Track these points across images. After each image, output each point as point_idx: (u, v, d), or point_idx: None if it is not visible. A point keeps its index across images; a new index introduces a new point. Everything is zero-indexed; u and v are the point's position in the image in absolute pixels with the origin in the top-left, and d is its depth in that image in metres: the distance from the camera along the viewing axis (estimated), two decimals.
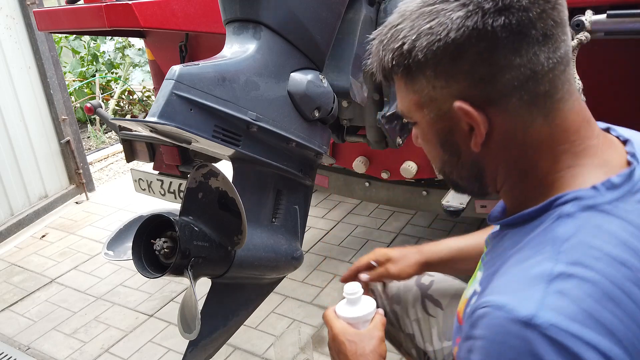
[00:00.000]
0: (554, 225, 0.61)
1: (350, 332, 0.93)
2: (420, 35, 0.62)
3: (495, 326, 0.57)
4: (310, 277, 2.53)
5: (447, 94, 0.65)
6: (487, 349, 0.58)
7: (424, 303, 1.19)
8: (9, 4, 3.19)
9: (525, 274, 0.59)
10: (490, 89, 0.63)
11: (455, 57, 0.62)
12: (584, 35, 1.12)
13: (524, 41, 0.60)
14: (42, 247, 3.10)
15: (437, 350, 1.15)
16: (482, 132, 0.64)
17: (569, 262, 0.56)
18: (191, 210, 1.07)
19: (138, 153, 2.33)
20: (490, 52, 0.61)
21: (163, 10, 1.66)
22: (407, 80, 0.68)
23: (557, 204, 0.63)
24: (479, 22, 0.59)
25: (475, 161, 0.70)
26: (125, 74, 5.71)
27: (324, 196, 3.37)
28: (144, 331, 2.26)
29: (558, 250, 0.58)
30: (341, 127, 1.67)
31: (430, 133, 0.71)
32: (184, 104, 1.02)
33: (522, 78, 0.62)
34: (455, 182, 0.77)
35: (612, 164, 0.66)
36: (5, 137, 3.17)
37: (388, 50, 0.66)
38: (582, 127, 0.66)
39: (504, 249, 0.69)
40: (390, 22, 0.67)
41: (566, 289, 0.55)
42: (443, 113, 0.66)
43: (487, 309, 0.58)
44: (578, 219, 0.60)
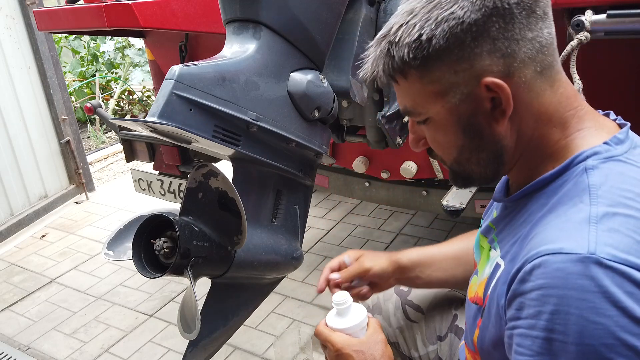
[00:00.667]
0: (583, 177, 0.66)
1: (353, 343, 0.90)
2: (440, 22, 0.65)
3: (555, 270, 0.58)
4: (310, 277, 2.53)
5: (470, 75, 0.68)
6: (547, 295, 0.59)
7: (404, 310, 1.19)
8: (9, 4, 3.18)
9: (570, 222, 0.62)
10: (509, 63, 0.67)
11: (478, 37, 0.66)
12: (584, 35, 1.12)
13: (533, 16, 0.67)
14: (42, 247, 3.10)
15: (423, 355, 1.15)
16: (510, 102, 0.68)
17: (609, 204, 0.61)
18: (191, 210, 1.07)
19: (138, 153, 2.33)
20: (508, 28, 0.66)
21: (163, 10, 1.66)
22: (424, 72, 0.69)
23: (577, 161, 0.68)
24: (497, 1, 0.65)
25: (497, 140, 0.72)
26: (125, 74, 5.71)
27: (324, 196, 3.37)
28: (144, 331, 2.26)
29: (596, 195, 0.63)
30: (341, 127, 1.67)
31: (451, 121, 0.72)
32: (184, 104, 1.02)
33: (534, 50, 0.68)
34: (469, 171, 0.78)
35: (608, 125, 0.73)
36: (5, 137, 3.17)
37: (402, 45, 0.68)
38: (576, 95, 0.73)
39: (527, 215, 0.72)
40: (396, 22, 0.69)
41: (614, 226, 0.59)
42: (466, 96, 0.69)
43: (541, 258, 0.60)
44: (603, 169, 0.66)
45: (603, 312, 0.56)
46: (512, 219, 0.77)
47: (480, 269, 0.85)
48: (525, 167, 0.75)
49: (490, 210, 0.93)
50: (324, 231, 2.96)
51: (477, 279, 0.85)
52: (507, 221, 0.79)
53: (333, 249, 2.75)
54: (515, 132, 0.72)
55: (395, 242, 2.77)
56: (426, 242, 2.76)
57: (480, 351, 0.80)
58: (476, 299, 0.83)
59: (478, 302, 0.82)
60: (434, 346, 1.14)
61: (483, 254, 0.87)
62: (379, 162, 1.98)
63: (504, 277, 0.69)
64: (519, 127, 0.71)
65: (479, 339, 0.80)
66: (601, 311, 0.56)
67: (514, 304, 0.63)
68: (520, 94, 0.69)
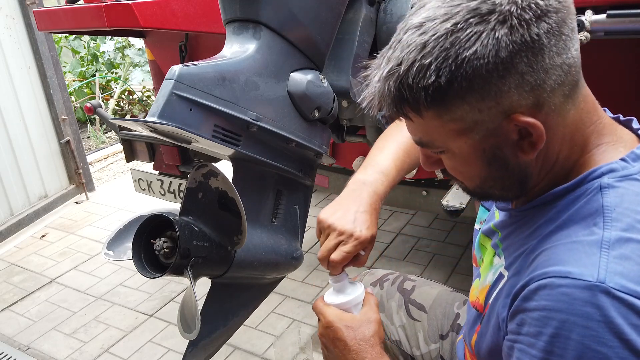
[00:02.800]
0: (597, 196, 0.63)
1: (345, 317, 0.88)
2: (462, 63, 0.58)
3: (561, 294, 0.57)
4: (310, 277, 2.53)
5: (496, 112, 0.62)
6: (549, 317, 0.58)
7: (407, 308, 1.19)
8: (9, 4, 3.18)
9: (581, 244, 0.60)
10: (539, 94, 0.61)
11: (504, 75, 0.59)
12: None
13: (562, 40, 0.61)
14: (42, 247, 3.10)
15: (425, 353, 1.15)
16: (543, 137, 0.63)
17: (623, 228, 0.59)
18: (191, 210, 1.07)
19: (138, 153, 2.33)
20: (537, 60, 0.60)
21: (163, 10, 1.66)
22: (443, 111, 0.63)
23: (591, 178, 0.65)
24: (525, 34, 0.58)
25: (524, 168, 0.68)
26: (125, 74, 5.71)
27: (324, 196, 3.37)
28: (144, 331, 2.26)
29: (610, 217, 0.60)
30: (341, 127, 1.67)
31: (475, 155, 0.67)
32: (183, 103, 1.02)
33: (563, 75, 0.62)
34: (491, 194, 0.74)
35: (625, 138, 0.69)
36: (5, 137, 3.17)
37: (417, 88, 0.60)
38: (596, 108, 0.69)
39: (534, 228, 0.69)
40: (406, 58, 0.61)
41: (627, 253, 0.57)
42: (490, 132, 0.64)
43: (548, 279, 0.59)
44: (619, 188, 0.63)
45: (605, 342, 0.55)
46: (518, 228, 0.74)
47: (482, 273, 0.84)
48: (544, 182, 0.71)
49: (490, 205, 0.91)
50: None
51: (479, 283, 0.84)
52: (512, 229, 0.77)
53: None
54: (541, 159, 0.68)
55: (395, 242, 2.77)
56: (426, 242, 2.76)
57: (477, 355, 0.81)
58: (477, 305, 0.83)
59: (478, 308, 0.82)
60: (435, 345, 1.14)
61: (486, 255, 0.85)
62: None
63: (508, 290, 0.68)
64: (545, 153, 0.67)
65: (476, 344, 0.80)
66: (603, 341, 0.55)
67: (516, 319, 0.63)
68: (550, 121, 0.63)
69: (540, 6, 0.58)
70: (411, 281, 1.24)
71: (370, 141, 1.62)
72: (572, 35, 0.62)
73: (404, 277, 1.26)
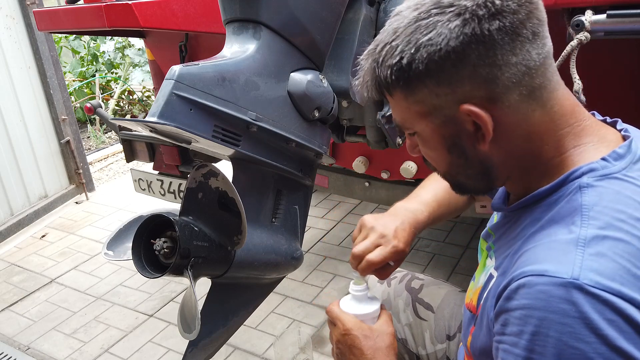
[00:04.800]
0: (576, 195, 0.65)
1: (364, 327, 0.91)
2: (419, 48, 0.65)
3: (538, 292, 0.58)
4: (310, 277, 2.53)
5: (451, 99, 0.68)
6: (529, 316, 0.59)
7: (415, 307, 1.19)
8: (9, 4, 3.18)
9: (559, 242, 0.61)
10: (492, 89, 0.66)
11: (457, 64, 0.65)
12: (584, 35, 1.12)
13: (518, 40, 0.65)
14: (42, 247, 3.10)
15: (430, 353, 1.15)
16: (490, 130, 0.68)
17: (600, 226, 0.60)
18: (191, 210, 1.07)
19: (138, 153, 2.33)
20: (489, 54, 0.64)
21: (163, 10, 1.66)
22: (408, 92, 0.70)
23: (572, 178, 0.67)
24: (477, 28, 0.63)
25: (483, 159, 0.72)
26: (125, 74, 5.71)
27: (324, 196, 3.37)
28: (144, 331, 2.26)
29: (587, 216, 0.62)
30: (341, 127, 1.67)
31: (436, 139, 0.73)
32: (183, 104, 1.02)
33: (519, 74, 0.66)
34: (461, 183, 0.80)
35: (609, 139, 0.71)
36: (5, 137, 3.17)
37: (385, 67, 0.69)
38: (575, 110, 0.71)
39: (520, 229, 0.71)
40: (382, 40, 0.70)
41: (602, 250, 0.58)
42: (448, 119, 0.69)
43: (526, 278, 0.60)
44: (598, 187, 0.65)
45: (582, 338, 0.55)
46: (508, 229, 0.77)
47: (477, 275, 0.86)
48: (520, 182, 0.75)
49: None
50: (324, 231, 2.96)
51: (473, 285, 0.86)
52: (503, 230, 0.79)
53: (333, 249, 2.75)
54: (503, 151, 0.71)
55: None
56: (426, 242, 2.76)
57: (473, 356, 0.81)
58: (470, 307, 0.84)
59: (472, 309, 0.83)
60: (442, 345, 1.14)
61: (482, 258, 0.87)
62: (379, 162, 1.98)
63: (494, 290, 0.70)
64: (506, 146, 0.70)
65: (472, 345, 0.81)
66: (580, 337, 0.56)
67: (500, 320, 0.64)
68: (505, 117, 0.68)
69: (496, 5, 0.63)
70: (419, 280, 1.23)
71: (370, 141, 1.62)
72: (533, 39, 0.66)
73: (412, 275, 1.26)
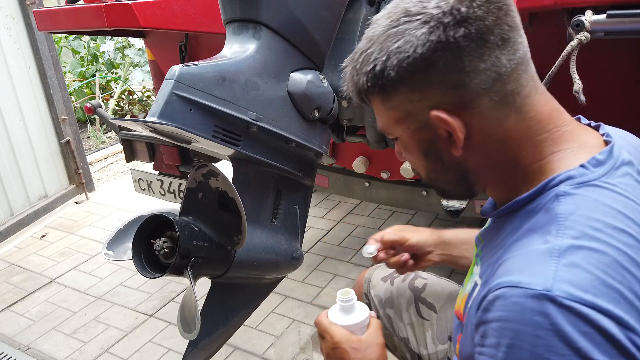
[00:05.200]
0: (554, 204, 0.64)
1: (352, 340, 0.91)
2: (390, 55, 0.67)
3: (512, 304, 0.58)
4: (310, 277, 2.53)
5: (423, 105, 0.69)
6: (504, 328, 0.59)
7: (417, 307, 1.19)
8: (9, 4, 3.18)
9: (534, 252, 0.61)
10: (461, 95, 0.67)
11: (425, 70, 0.66)
12: (584, 35, 1.11)
13: (485, 47, 0.65)
14: (42, 247, 3.10)
15: (432, 353, 1.15)
16: (459, 136, 0.68)
17: (575, 236, 0.59)
18: (191, 210, 1.07)
19: (138, 153, 2.33)
20: (456, 61, 0.65)
21: (163, 10, 1.66)
22: (384, 98, 0.71)
23: (550, 186, 0.66)
24: (442, 35, 0.64)
25: (458, 164, 0.73)
26: (125, 74, 5.71)
27: (324, 196, 3.37)
28: (144, 331, 2.26)
29: (563, 225, 0.61)
30: (341, 127, 1.67)
31: (413, 144, 0.75)
32: (183, 104, 1.02)
33: (489, 81, 0.66)
34: (442, 188, 0.81)
35: (590, 144, 0.71)
36: (5, 137, 3.17)
37: (362, 74, 0.70)
38: (554, 116, 0.71)
39: (503, 237, 0.71)
40: (360, 48, 0.71)
41: (576, 260, 0.57)
42: (422, 124, 0.70)
43: (501, 290, 0.60)
44: (575, 195, 0.64)
45: (556, 350, 0.55)
46: (494, 236, 0.76)
47: (465, 282, 0.86)
48: (501, 188, 0.75)
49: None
50: (324, 231, 2.96)
51: (462, 291, 0.86)
52: (490, 237, 0.79)
53: (333, 249, 2.75)
54: (479, 157, 0.72)
55: None
56: None
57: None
58: (458, 314, 0.84)
59: (460, 317, 0.83)
60: (444, 345, 1.14)
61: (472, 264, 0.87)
62: (379, 162, 1.98)
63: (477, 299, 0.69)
64: (482, 152, 0.71)
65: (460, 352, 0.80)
66: (554, 349, 0.55)
67: (479, 331, 0.64)
68: (477, 123, 0.68)
69: (462, 13, 0.64)
70: (423, 279, 1.23)
71: (370, 141, 1.62)
72: (503, 45, 0.66)
73: (416, 274, 1.25)
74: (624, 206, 0.63)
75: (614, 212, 0.62)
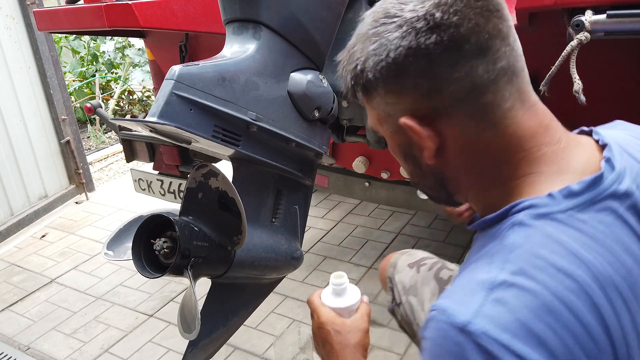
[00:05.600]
0: (507, 233, 0.62)
1: (337, 322, 0.93)
2: (368, 57, 0.67)
3: (438, 329, 0.58)
4: (310, 277, 2.53)
5: (398, 109, 0.68)
6: (431, 350, 0.59)
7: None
8: (9, 4, 3.18)
9: (473, 280, 0.60)
10: (435, 103, 0.65)
11: (398, 75, 0.65)
12: (584, 35, 1.12)
13: (459, 55, 0.62)
14: (42, 247, 3.10)
15: None
16: (429, 145, 0.67)
17: (513, 272, 0.57)
18: (191, 210, 1.07)
19: (138, 153, 2.33)
20: (428, 68, 0.63)
21: (163, 10, 1.66)
22: (367, 97, 0.71)
23: (513, 212, 0.63)
24: (413, 41, 0.62)
25: (435, 172, 0.72)
26: (125, 74, 5.72)
27: (324, 196, 3.37)
28: (144, 331, 2.26)
29: (506, 258, 0.59)
30: (341, 127, 1.67)
31: (394, 146, 0.75)
32: (183, 104, 1.02)
33: (463, 91, 0.63)
34: (425, 192, 0.81)
35: (575, 169, 0.65)
36: (5, 137, 3.17)
37: (348, 71, 0.71)
38: (538, 134, 0.66)
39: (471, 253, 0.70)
40: (348, 45, 0.71)
41: (505, 298, 0.56)
42: (399, 128, 0.69)
43: (434, 312, 0.60)
44: (530, 227, 0.60)
45: None
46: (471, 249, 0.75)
47: None
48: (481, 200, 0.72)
49: None
50: (324, 231, 2.96)
51: None
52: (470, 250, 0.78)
53: (333, 249, 2.75)
54: (456, 167, 0.70)
55: (395, 242, 2.77)
56: (426, 242, 2.76)
57: None
58: None
59: None
60: None
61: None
62: (379, 162, 1.98)
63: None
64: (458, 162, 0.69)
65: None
66: None
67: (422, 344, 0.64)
68: (451, 133, 0.66)
69: (436, 19, 0.62)
70: (449, 270, 1.22)
71: (370, 141, 1.62)
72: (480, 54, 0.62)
73: (442, 264, 1.24)
74: (582, 246, 0.58)
75: (565, 252, 0.58)
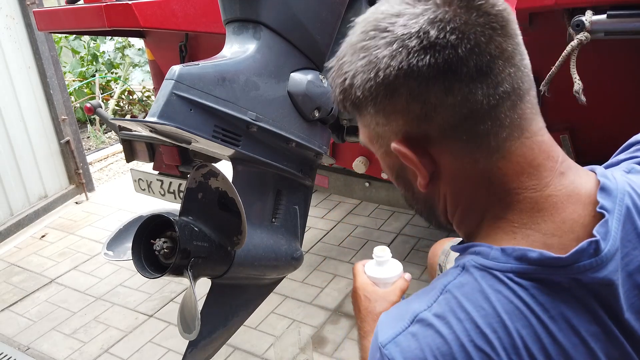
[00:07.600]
0: (450, 272, 0.61)
1: (369, 289, 0.96)
2: (356, 72, 0.60)
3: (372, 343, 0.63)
4: (310, 277, 2.53)
5: (389, 131, 0.62)
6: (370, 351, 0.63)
7: None
8: (9, 4, 3.18)
9: (407, 308, 0.61)
10: (427, 128, 0.59)
11: (389, 95, 0.58)
12: (584, 35, 1.12)
13: (455, 79, 0.56)
14: (42, 247, 3.10)
15: None
16: (423, 172, 0.62)
17: (437, 313, 0.58)
18: (191, 210, 1.07)
19: (138, 153, 2.33)
20: (420, 91, 0.57)
21: (163, 10, 1.66)
22: (357, 114, 0.65)
23: (469, 252, 0.62)
24: (404, 61, 0.56)
25: (425, 198, 0.68)
26: (125, 74, 5.72)
27: (324, 196, 3.37)
28: (143, 331, 2.26)
29: (436, 297, 0.59)
30: (341, 127, 1.67)
31: (386, 166, 0.70)
32: (184, 104, 1.02)
33: (458, 117, 0.57)
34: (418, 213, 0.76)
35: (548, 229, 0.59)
36: (5, 137, 3.17)
37: (336, 84, 0.64)
38: (524, 175, 0.60)
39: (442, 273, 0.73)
40: (337, 55, 0.64)
41: (420, 334, 0.57)
42: (390, 150, 0.63)
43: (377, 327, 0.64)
44: (470, 275, 0.59)
45: None
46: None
47: None
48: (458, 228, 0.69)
49: None
50: (324, 231, 2.95)
51: None
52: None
53: (333, 249, 2.75)
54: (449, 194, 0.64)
55: (395, 242, 2.77)
56: (426, 242, 2.75)
57: None
58: None
59: None
60: None
61: None
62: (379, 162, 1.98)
63: None
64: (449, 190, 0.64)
65: None
66: None
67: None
68: (445, 161, 0.61)
69: (430, 37, 0.55)
70: None
71: None
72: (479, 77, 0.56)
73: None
74: (509, 313, 0.55)
75: (488, 313, 0.55)
